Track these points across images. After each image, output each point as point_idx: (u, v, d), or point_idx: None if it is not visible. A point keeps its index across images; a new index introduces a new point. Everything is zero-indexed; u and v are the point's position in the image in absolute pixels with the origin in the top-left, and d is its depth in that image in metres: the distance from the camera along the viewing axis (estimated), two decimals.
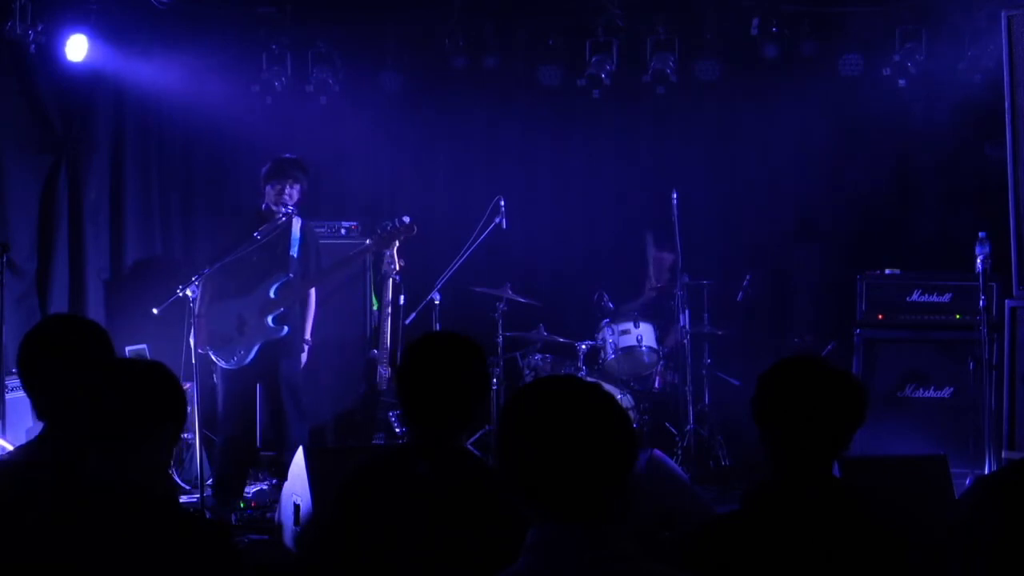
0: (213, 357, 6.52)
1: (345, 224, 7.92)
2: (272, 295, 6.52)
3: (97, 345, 2.99)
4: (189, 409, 7.06)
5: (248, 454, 6.86)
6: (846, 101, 8.16)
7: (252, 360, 6.46)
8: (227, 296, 6.56)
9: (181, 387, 2.58)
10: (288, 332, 6.51)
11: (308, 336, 6.72)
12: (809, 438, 2.61)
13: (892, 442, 6.57)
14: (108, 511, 2.40)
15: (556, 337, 7.67)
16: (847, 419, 2.64)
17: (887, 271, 7.46)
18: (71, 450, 2.66)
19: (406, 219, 6.67)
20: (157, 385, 2.52)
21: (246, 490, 6.76)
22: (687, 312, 7.63)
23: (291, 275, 6.58)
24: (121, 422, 2.46)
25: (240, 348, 6.48)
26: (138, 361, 2.64)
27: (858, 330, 7.31)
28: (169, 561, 2.38)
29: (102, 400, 2.47)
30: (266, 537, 5.94)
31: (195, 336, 6.38)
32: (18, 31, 6.93)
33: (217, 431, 6.73)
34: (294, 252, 6.61)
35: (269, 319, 6.49)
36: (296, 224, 6.63)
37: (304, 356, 6.68)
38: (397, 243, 6.64)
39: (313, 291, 6.77)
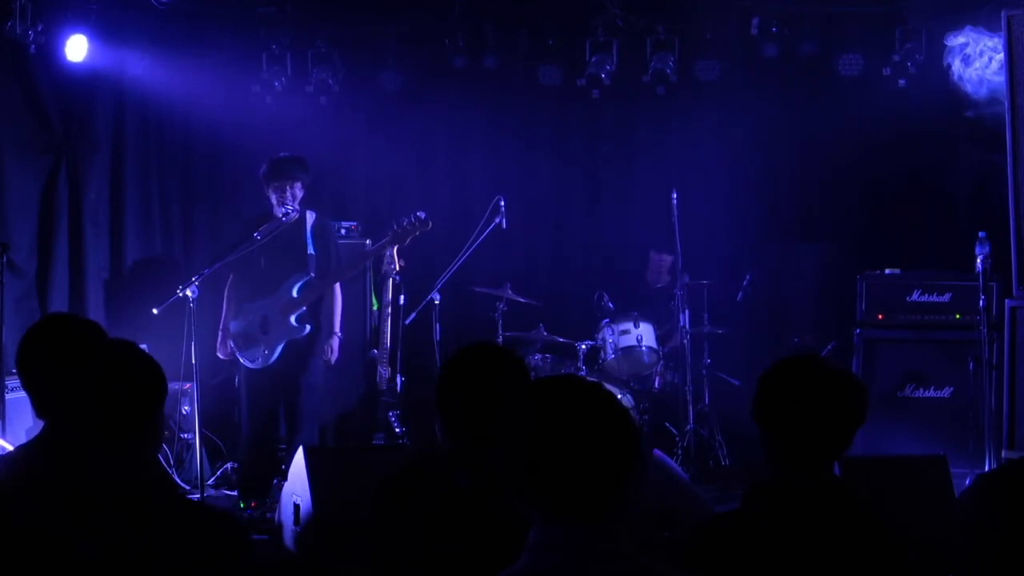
0: (239, 358, 6.56)
1: (345, 224, 7.92)
2: (295, 294, 6.53)
3: (97, 344, 2.99)
4: (188, 409, 7.13)
5: (272, 454, 6.85)
6: (846, 101, 8.15)
7: (276, 360, 6.49)
8: (250, 297, 6.58)
9: (162, 371, 2.58)
10: (311, 330, 6.53)
11: (338, 329, 6.71)
12: (809, 438, 2.60)
13: (892, 442, 6.57)
14: (111, 508, 2.40)
15: (556, 337, 7.66)
16: (847, 419, 2.63)
17: (887, 271, 7.45)
18: (72, 449, 2.66)
19: (421, 214, 6.65)
20: (151, 378, 2.53)
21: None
22: (687, 312, 7.63)
23: (312, 274, 6.58)
24: (121, 419, 2.46)
25: (264, 348, 6.50)
26: (128, 355, 2.61)
27: (858, 330, 7.30)
28: (179, 551, 2.39)
29: (102, 399, 2.47)
30: (266, 537, 5.94)
31: (220, 348, 6.62)
32: (18, 31, 6.91)
33: (240, 432, 6.76)
34: (311, 250, 6.61)
35: (292, 318, 6.50)
36: (309, 220, 6.64)
37: (336, 350, 6.67)
38: (411, 239, 6.63)
39: (337, 285, 6.75)
